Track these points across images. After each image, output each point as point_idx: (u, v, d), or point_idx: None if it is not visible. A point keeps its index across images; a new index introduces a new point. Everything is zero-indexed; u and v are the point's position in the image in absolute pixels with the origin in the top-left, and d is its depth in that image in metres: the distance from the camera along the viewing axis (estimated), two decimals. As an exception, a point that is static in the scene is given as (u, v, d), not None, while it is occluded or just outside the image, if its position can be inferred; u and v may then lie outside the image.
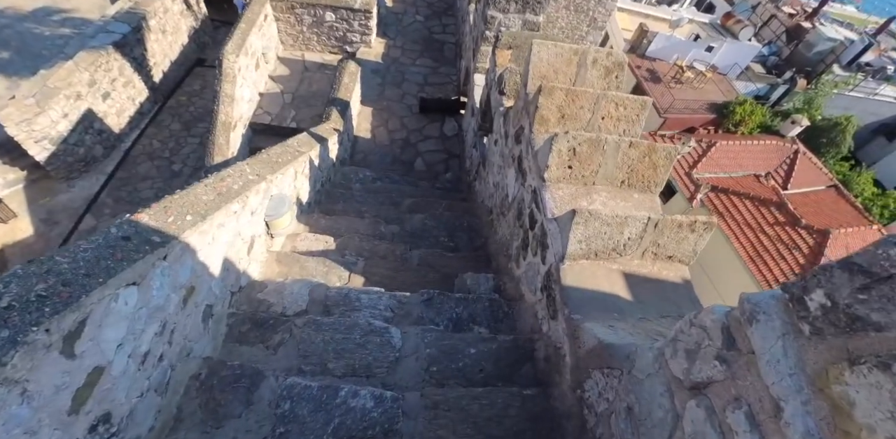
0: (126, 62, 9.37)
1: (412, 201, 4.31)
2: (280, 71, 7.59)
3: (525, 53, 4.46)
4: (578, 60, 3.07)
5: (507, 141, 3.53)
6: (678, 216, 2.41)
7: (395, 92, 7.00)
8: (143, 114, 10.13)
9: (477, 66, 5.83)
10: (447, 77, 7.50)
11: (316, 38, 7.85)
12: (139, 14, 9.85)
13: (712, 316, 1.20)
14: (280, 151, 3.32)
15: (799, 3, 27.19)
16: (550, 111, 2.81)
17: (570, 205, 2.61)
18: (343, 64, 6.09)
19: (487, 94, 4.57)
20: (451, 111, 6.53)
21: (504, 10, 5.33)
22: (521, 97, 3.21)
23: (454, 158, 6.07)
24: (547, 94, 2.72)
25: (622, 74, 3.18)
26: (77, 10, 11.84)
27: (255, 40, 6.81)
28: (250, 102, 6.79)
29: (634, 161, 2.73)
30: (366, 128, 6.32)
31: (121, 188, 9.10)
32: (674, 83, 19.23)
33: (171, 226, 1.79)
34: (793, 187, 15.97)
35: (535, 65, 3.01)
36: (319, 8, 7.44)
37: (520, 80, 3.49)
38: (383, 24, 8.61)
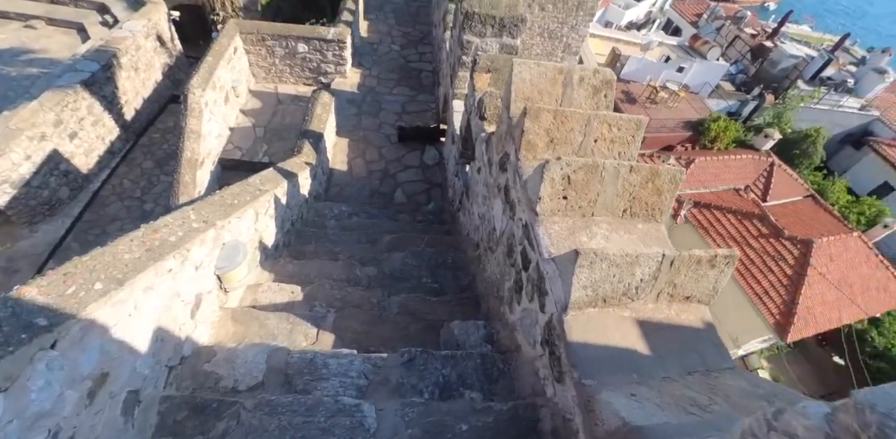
0: (95, 101, 9.07)
1: (391, 238, 3.93)
2: (252, 104, 7.30)
3: (505, 76, 4.22)
4: (564, 79, 2.79)
5: (492, 169, 3.21)
6: (696, 251, 2.07)
7: (372, 121, 6.73)
8: (113, 154, 9.75)
9: (455, 91, 5.59)
10: (425, 104, 7.27)
11: (289, 70, 7.62)
12: (110, 52, 9.62)
13: (806, 421, 0.83)
14: (238, 191, 2.95)
15: (759, 25, 28.46)
16: (538, 135, 2.50)
17: (568, 242, 2.26)
18: (316, 95, 5.82)
19: (467, 119, 4.29)
20: (430, 139, 6.26)
21: (480, 35, 5.13)
22: (504, 121, 2.91)
23: (436, 188, 5.75)
24: (533, 116, 2.41)
25: (611, 93, 2.91)
26: (46, 51, 11.56)
27: (223, 74, 6.54)
28: (219, 137, 6.44)
29: (636, 187, 2.41)
30: (342, 161, 5.99)
31: (88, 231, 8.61)
32: (649, 103, 19.60)
33: (68, 301, 1.39)
34: (772, 199, 16.31)
35: (518, 86, 2.72)
36: (291, 39, 7.24)
37: (501, 104, 3.21)
38: (359, 53, 8.45)
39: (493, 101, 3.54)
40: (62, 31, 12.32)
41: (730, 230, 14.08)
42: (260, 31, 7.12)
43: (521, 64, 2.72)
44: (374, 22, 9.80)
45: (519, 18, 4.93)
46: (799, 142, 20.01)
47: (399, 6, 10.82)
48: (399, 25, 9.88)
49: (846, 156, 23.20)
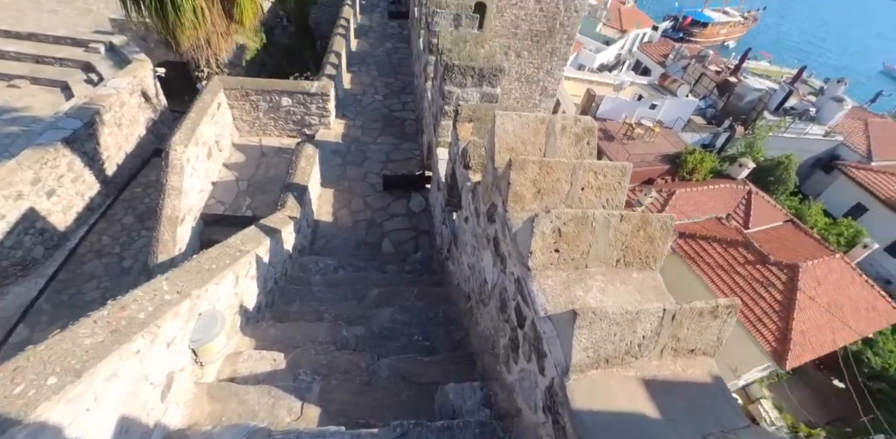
0: (76, 157, 9.03)
1: (379, 292, 3.79)
2: (235, 158, 7.29)
3: (487, 125, 4.27)
4: (546, 129, 2.79)
5: (479, 220, 3.14)
6: (697, 303, 1.98)
7: (356, 171, 6.73)
8: (92, 210, 9.60)
9: (439, 140, 5.65)
10: (409, 152, 7.33)
11: (273, 123, 7.69)
12: (93, 109, 9.70)
13: None
14: (216, 254, 2.82)
15: (721, 62, 30.24)
16: (524, 186, 2.45)
17: (563, 298, 2.16)
18: (300, 147, 5.83)
19: (452, 168, 4.28)
20: (416, 186, 6.25)
21: (461, 85, 5.25)
22: (490, 172, 2.88)
23: (423, 235, 5.67)
24: (519, 168, 2.38)
25: (593, 140, 2.92)
26: (29, 109, 11.63)
27: (206, 129, 6.56)
28: (201, 193, 6.36)
29: (628, 236, 2.35)
30: (327, 212, 5.92)
31: (62, 291, 8.30)
32: (626, 140, 20.30)
33: (14, 404, 1.23)
34: (753, 226, 16.70)
35: (501, 137, 2.71)
36: (275, 93, 7.35)
37: (485, 154, 3.20)
38: (342, 105, 8.61)
39: (477, 150, 3.54)
40: (46, 89, 12.45)
41: (716, 259, 14.26)
42: (244, 86, 7.24)
43: (503, 115, 2.72)
44: (357, 74, 10.08)
45: (497, 68, 5.07)
46: (772, 170, 20.86)
47: (381, 59, 11.20)
48: (381, 77, 10.17)
49: (818, 180, 24.18)
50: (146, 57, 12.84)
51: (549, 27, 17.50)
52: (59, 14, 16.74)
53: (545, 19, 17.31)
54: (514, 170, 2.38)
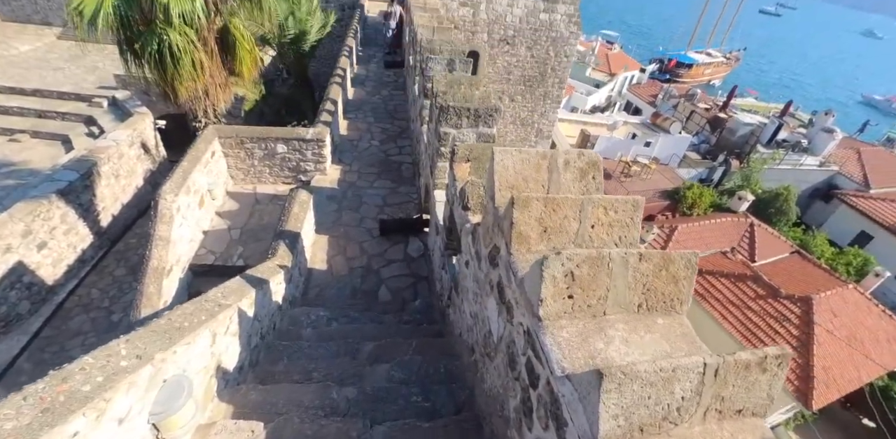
0: (70, 209, 8.91)
1: (375, 346, 3.46)
2: (229, 206, 7.13)
3: (485, 165, 4.12)
4: (548, 164, 2.60)
5: (481, 264, 2.89)
6: (742, 354, 1.69)
7: (352, 216, 6.54)
8: (84, 262, 9.35)
9: (436, 182, 5.49)
10: (407, 196, 7.18)
11: (268, 170, 7.61)
12: (90, 161, 9.71)
13: None
14: (192, 310, 2.54)
15: (710, 100, 31.19)
16: (529, 226, 2.22)
17: (581, 352, 1.86)
18: (293, 193, 5.68)
19: (450, 210, 4.07)
20: (414, 230, 6.03)
21: (457, 126, 5.16)
22: (490, 212, 2.66)
23: (422, 281, 5.38)
24: (522, 206, 2.16)
25: (599, 175, 2.72)
26: (28, 163, 11.67)
27: (199, 178, 6.44)
28: (191, 242, 6.14)
29: (649, 277, 2.09)
30: (321, 259, 5.66)
31: (45, 348, 7.89)
32: (624, 177, 20.40)
33: None
34: (760, 258, 16.42)
35: (501, 174, 2.51)
36: (270, 141, 7.32)
37: (484, 193, 3.00)
38: (339, 150, 8.58)
39: (476, 190, 3.35)
40: (46, 143, 12.56)
41: (726, 294, 13.88)
42: (239, 134, 7.22)
43: (503, 152, 2.54)
44: (353, 121, 10.17)
45: (493, 108, 5.00)
46: (772, 201, 20.90)
47: (377, 105, 11.37)
48: (378, 122, 10.26)
49: (819, 209, 24.23)
50: (147, 110, 13.09)
51: (540, 72, 18.05)
52: (66, 71, 17.31)
53: (536, 65, 17.88)
54: (517, 209, 2.16)
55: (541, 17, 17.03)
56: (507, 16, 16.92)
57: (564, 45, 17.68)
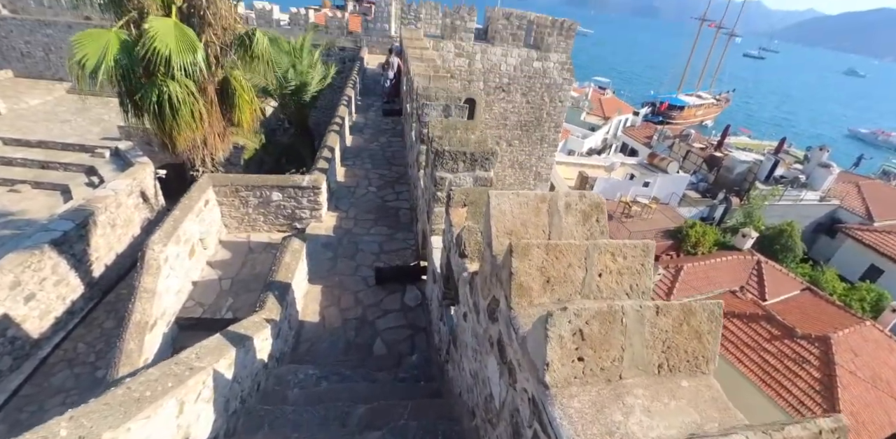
0: (62, 259, 8.72)
1: (367, 409, 3.12)
2: (221, 255, 6.92)
3: (482, 209, 3.95)
4: (548, 208, 2.42)
5: (479, 317, 2.64)
6: (792, 429, 1.42)
7: (348, 265, 6.30)
8: (72, 314, 9.03)
9: (433, 228, 5.32)
10: (404, 242, 6.98)
11: (263, 218, 7.46)
12: (87, 211, 9.64)
13: None
14: (156, 376, 2.27)
15: (704, 139, 31.80)
16: (530, 276, 2.00)
17: (597, 426, 1.58)
18: (286, 242, 5.49)
19: (447, 257, 3.86)
20: (411, 278, 5.78)
21: (453, 170, 5.06)
22: (488, 260, 2.45)
23: (420, 333, 5.05)
24: (521, 254, 1.95)
25: (603, 217, 2.53)
26: (26, 212, 11.63)
27: (191, 227, 6.27)
28: (179, 294, 5.87)
29: (669, 333, 1.84)
30: (313, 311, 5.36)
31: (23, 408, 7.42)
32: (624, 218, 20.31)
33: None
34: (770, 297, 15.96)
35: (498, 219, 2.32)
36: (265, 188, 7.22)
37: (482, 240, 2.81)
38: (335, 197, 8.49)
39: (473, 236, 3.15)
40: (46, 193, 12.60)
41: (740, 336, 13.38)
42: (234, 182, 7.14)
43: (499, 195, 2.37)
44: (351, 168, 10.18)
45: (489, 152, 4.91)
46: (776, 238, 20.71)
47: (375, 152, 11.44)
48: (375, 168, 10.26)
49: (824, 244, 24.03)
50: (148, 160, 13.22)
51: (536, 117, 18.46)
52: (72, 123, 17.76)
53: (532, 110, 18.32)
54: (517, 257, 1.95)
55: (534, 66, 17.64)
56: (501, 65, 17.54)
57: (558, 90, 18.20)
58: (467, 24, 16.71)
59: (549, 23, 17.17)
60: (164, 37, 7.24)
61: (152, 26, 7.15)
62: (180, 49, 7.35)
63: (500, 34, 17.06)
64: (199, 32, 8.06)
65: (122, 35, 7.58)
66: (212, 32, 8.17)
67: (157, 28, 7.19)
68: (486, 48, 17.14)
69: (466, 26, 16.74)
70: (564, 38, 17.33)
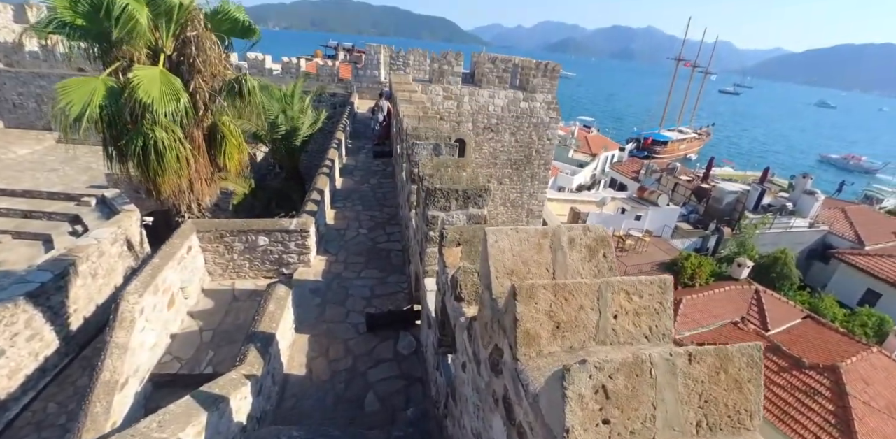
0: (38, 313, 8.26)
1: (358, 480, 2.74)
2: (203, 305, 6.55)
3: (478, 248, 3.73)
4: (551, 244, 2.20)
5: (480, 368, 2.34)
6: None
7: (337, 311, 5.95)
8: (45, 371, 8.45)
9: (426, 269, 5.05)
10: (396, 286, 6.67)
11: (248, 264, 7.15)
12: (67, 260, 9.26)
13: None
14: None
15: (690, 172, 32.38)
16: (538, 322, 1.74)
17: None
18: (270, 289, 5.18)
19: (442, 300, 3.58)
20: (405, 323, 5.43)
21: (445, 209, 4.87)
22: (487, 304, 2.19)
23: (416, 383, 4.66)
24: (526, 296, 1.70)
25: (610, 252, 2.30)
26: (4, 263, 11.19)
27: (171, 275, 5.95)
28: (155, 348, 5.45)
29: (705, 384, 1.57)
30: (300, 363, 4.96)
31: (-16, 478, 6.73)
32: (619, 252, 20.16)
33: None
34: (773, 327, 15.70)
35: (496, 258, 2.09)
36: (251, 233, 6.97)
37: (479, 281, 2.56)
38: (325, 240, 8.23)
39: (469, 277, 2.90)
40: (28, 243, 12.19)
41: (748, 369, 12.86)
42: (218, 228, 6.88)
43: (497, 232, 2.15)
44: (341, 210, 10.00)
45: (482, 188, 4.75)
46: (771, 266, 20.65)
47: (366, 194, 11.32)
48: (366, 210, 10.08)
49: (819, 270, 24.02)
50: (134, 207, 12.98)
51: (525, 155, 18.66)
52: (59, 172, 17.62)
53: (521, 149, 18.54)
54: (521, 301, 1.70)
55: (521, 106, 18.03)
56: (489, 106, 17.91)
57: (546, 129, 18.52)
58: (454, 68, 17.19)
59: (534, 65, 17.73)
60: (147, 86, 7.22)
61: (137, 75, 7.15)
62: (163, 98, 7.32)
63: (487, 77, 17.54)
64: (187, 79, 8.10)
65: (109, 82, 7.58)
66: (201, 79, 8.21)
67: (141, 77, 7.19)
68: (473, 90, 17.56)
69: (454, 70, 17.21)
70: (549, 79, 17.83)
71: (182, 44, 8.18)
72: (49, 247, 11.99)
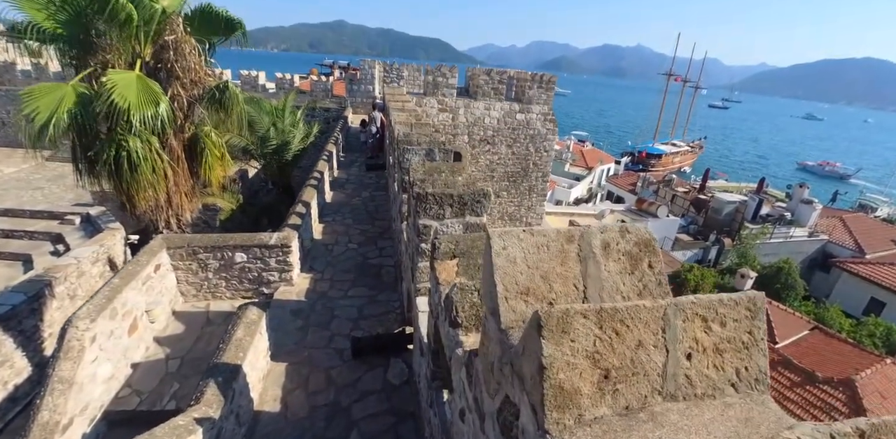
0: (8, 338, 7.56)
1: None
2: (173, 329, 5.89)
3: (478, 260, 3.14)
4: (579, 250, 1.61)
5: (486, 425, 1.72)
6: None
7: (320, 335, 5.29)
8: (14, 401, 7.69)
9: (418, 287, 4.45)
10: (387, 305, 6.03)
11: (225, 283, 6.51)
12: (44, 281, 8.62)
13: None
14: None
15: (686, 183, 32.13)
16: (577, 370, 1.14)
17: None
18: (241, 312, 4.54)
19: (434, 324, 2.97)
20: (395, 348, 4.78)
21: (438, 217, 4.29)
22: (493, 337, 1.59)
23: (407, 420, 3.99)
24: (558, 331, 1.11)
25: (657, 261, 1.72)
26: (-24, 287, 10.44)
27: (133, 297, 5.31)
28: (111, 381, 4.77)
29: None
30: (274, 397, 4.29)
31: None
32: (621, 267, 19.51)
33: None
34: (781, 339, 15.22)
35: (506, 272, 1.49)
36: (227, 249, 6.35)
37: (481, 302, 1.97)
38: (310, 257, 7.62)
39: (467, 297, 2.30)
40: (6, 263, 11.53)
41: (761, 386, 12.26)
42: (191, 244, 6.27)
43: (505, 235, 1.56)
44: (330, 224, 9.41)
45: (481, 193, 4.18)
46: (775, 276, 20.13)
47: (357, 207, 10.76)
48: (357, 224, 9.50)
49: (821, 280, 23.53)
50: (119, 225, 12.40)
51: (523, 168, 18.19)
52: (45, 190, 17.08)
53: (518, 161, 18.08)
54: (551, 337, 1.10)
55: (517, 118, 17.64)
56: (485, 118, 17.51)
57: (543, 140, 18.11)
58: (449, 80, 16.85)
59: (529, 77, 17.42)
60: (123, 89, 6.72)
61: (111, 79, 6.65)
62: (141, 102, 6.81)
63: (482, 89, 17.19)
64: (165, 86, 7.61)
65: (80, 88, 7.08)
66: (179, 85, 7.72)
67: (116, 80, 6.69)
68: (468, 102, 17.19)
69: (448, 82, 16.87)
70: (545, 90, 17.51)
71: (160, 49, 7.71)
72: (29, 267, 11.41)
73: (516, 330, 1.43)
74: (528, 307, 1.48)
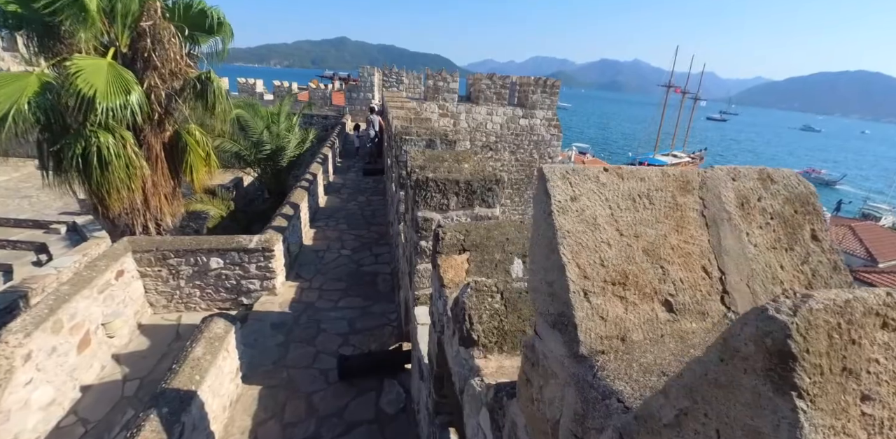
0: (-34, 358, 6.70)
1: None
2: (137, 345, 5.12)
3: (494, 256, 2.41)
4: (703, 208, 0.89)
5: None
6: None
7: (303, 352, 4.51)
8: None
9: (417, 294, 3.70)
10: (382, 317, 5.25)
11: (199, 293, 5.76)
12: (19, 292, 7.93)
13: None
14: None
15: None
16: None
17: None
18: (204, 325, 3.78)
19: (438, 341, 2.22)
20: (390, 368, 4.01)
21: (441, 208, 3.56)
22: (559, 369, 0.85)
23: (407, 461, 3.21)
24: (835, 368, 0.38)
25: (824, 228, 0.99)
26: (-51, 300, 9.70)
27: (85, 307, 4.56)
28: (51, 407, 3.99)
29: None
30: (242, 429, 3.51)
31: None
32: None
33: None
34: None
35: (582, 243, 0.77)
36: (202, 254, 5.62)
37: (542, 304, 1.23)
38: (299, 263, 6.88)
39: (486, 301, 1.57)
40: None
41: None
42: (160, 247, 5.53)
43: (573, 176, 0.85)
44: (322, 229, 8.69)
45: (493, 179, 3.47)
46: None
47: (353, 212, 10.06)
48: (352, 229, 8.78)
49: None
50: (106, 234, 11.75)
51: (527, 175, 17.51)
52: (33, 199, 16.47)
53: (522, 168, 17.42)
54: (817, 391, 0.35)
55: (521, 123, 17.05)
56: (487, 124, 16.92)
57: (547, 147, 17.48)
58: (450, 84, 16.31)
59: (533, 81, 16.88)
60: (90, 76, 6.04)
61: (76, 64, 5.99)
62: (109, 91, 6.14)
63: (484, 94, 16.64)
64: (142, 77, 6.98)
65: (45, 78, 6.42)
66: (157, 76, 7.07)
67: (82, 66, 6.02)
68: (470, 108, 16.61)
69: (449, 87, 16.32)
70: (549, 95, 16.95)
71: (137, 37, 7.09)
72: (9, 277, 10.75)
73: (612, 356, 0.69)
74: (631, 309, 0.75)
